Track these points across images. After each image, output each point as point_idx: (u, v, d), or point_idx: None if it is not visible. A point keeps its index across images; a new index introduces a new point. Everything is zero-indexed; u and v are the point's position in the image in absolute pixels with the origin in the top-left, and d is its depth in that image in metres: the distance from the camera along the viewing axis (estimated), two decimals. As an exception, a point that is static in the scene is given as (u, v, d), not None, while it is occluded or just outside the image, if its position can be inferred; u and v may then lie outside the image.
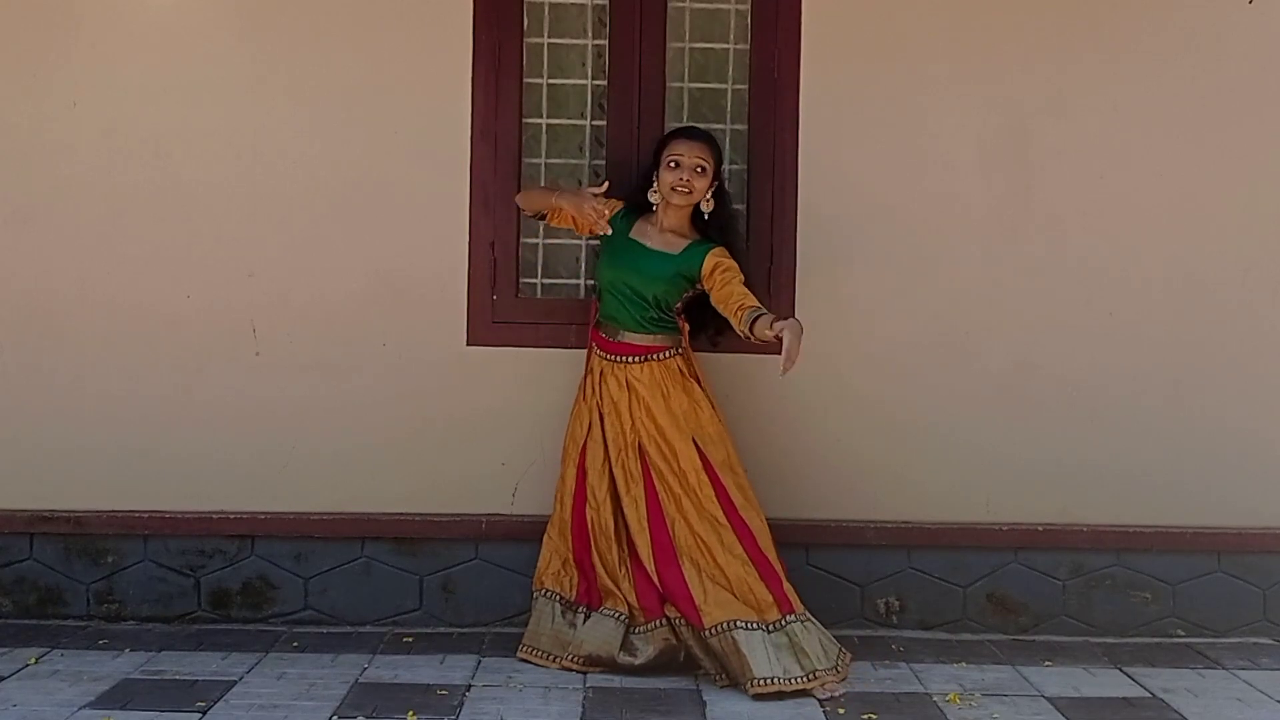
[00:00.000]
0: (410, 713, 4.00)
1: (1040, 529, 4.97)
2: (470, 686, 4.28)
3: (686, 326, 4.63)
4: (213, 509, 4.90)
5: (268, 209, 4.88)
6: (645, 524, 4.43)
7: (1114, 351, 4.97)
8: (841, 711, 4.09)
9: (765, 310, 4.28)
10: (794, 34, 4.90)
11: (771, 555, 4.43)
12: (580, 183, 4.98)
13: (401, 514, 4.92)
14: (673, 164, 4.46)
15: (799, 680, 4.21)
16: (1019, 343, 4.96)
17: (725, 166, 4.72)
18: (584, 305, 4.94)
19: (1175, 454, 4.98)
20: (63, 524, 4.88)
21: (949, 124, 4.93)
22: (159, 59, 4.85)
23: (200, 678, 4.32)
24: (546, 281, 5.00)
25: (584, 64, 4.97)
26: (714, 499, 4.42)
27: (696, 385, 4.55)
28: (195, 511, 4.89)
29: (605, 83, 4.94)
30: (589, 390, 4.60)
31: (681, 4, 4.97)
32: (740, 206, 4.94)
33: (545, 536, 4.64)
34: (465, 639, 4.77)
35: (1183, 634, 4.99)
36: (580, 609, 4.52)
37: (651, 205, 4.56)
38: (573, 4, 4.97)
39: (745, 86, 4.96)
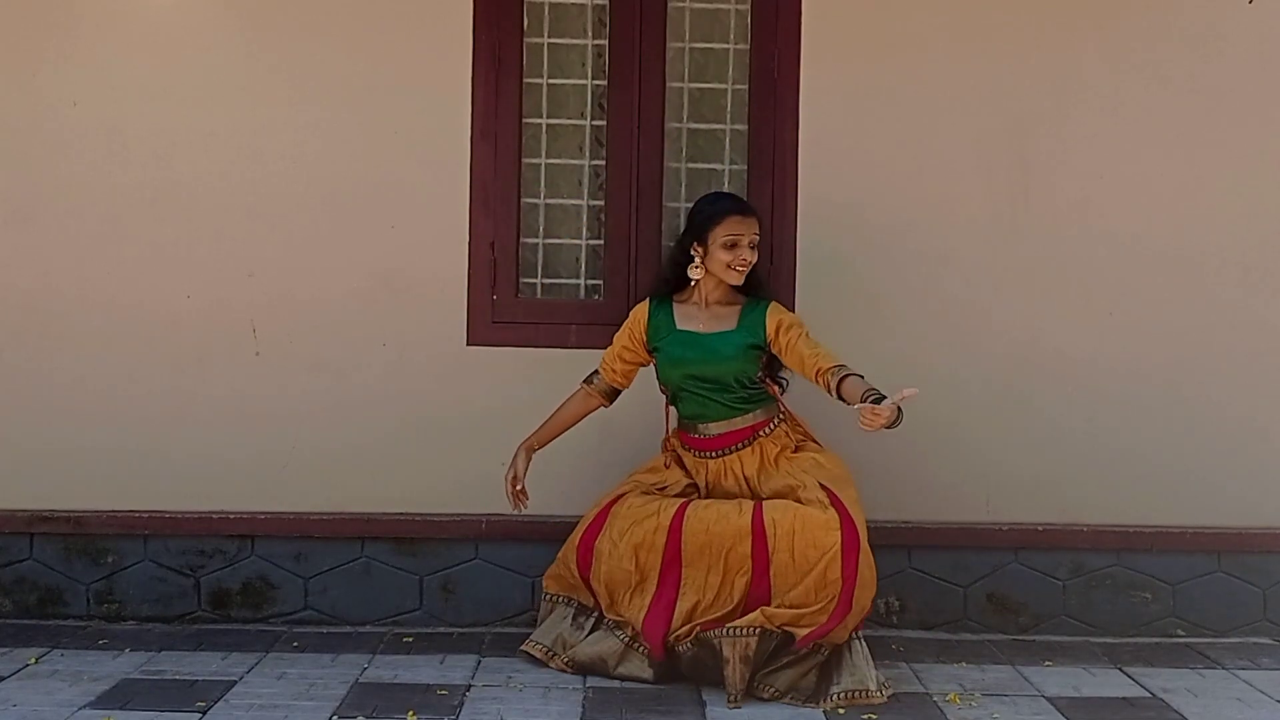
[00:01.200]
0: (410, 713, 3.99)
1: (1040, 529, 4.97)
2: (470, 686, 4.28)
3: (777, 389, 4.46)
4: (213, 509, 4.90)
5: (268, 209, 4.88)
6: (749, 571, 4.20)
7: (1114, 351, 4.97)
8: (842, 712, 4.09)
9: (844, 366, 4.18)
10: (794, 34, 4.90)
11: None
12: (580, 183, 4.99)
13: (401, 514, 4.92)
14: (730, 244, 4.31)
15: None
16: (1019, 342, 4.96)
17: (678, 194, 4.82)
18: (584, 305, 4.95)
19: (1175, 454, 4.98)
20: (63, 524, 4.88)
21: (949, 124, 4.93)
22: (159, 59, 4.85)
23: (200, 678, 4.32)
24: (546, 281, 5.00)
25: (584, 64, 4.97)
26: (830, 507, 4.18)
27: (812, 443, 4.43)
28: (195, 511, 4.89)
29: (605, 83, 4.94)
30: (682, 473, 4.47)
31: (681, 4, 4.97)
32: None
33: (568, 543, 4.51)
34: (465, 639, 4.77)
35: (1183, 634, 4.99)
36: (592, 615, 4.45)
37: (689, 281, 4.41)
38: (573, 4, 4.97)
39: (745, 86, 4.96)
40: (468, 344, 4.92)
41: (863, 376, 4.16)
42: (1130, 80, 4.95)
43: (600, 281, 4.99)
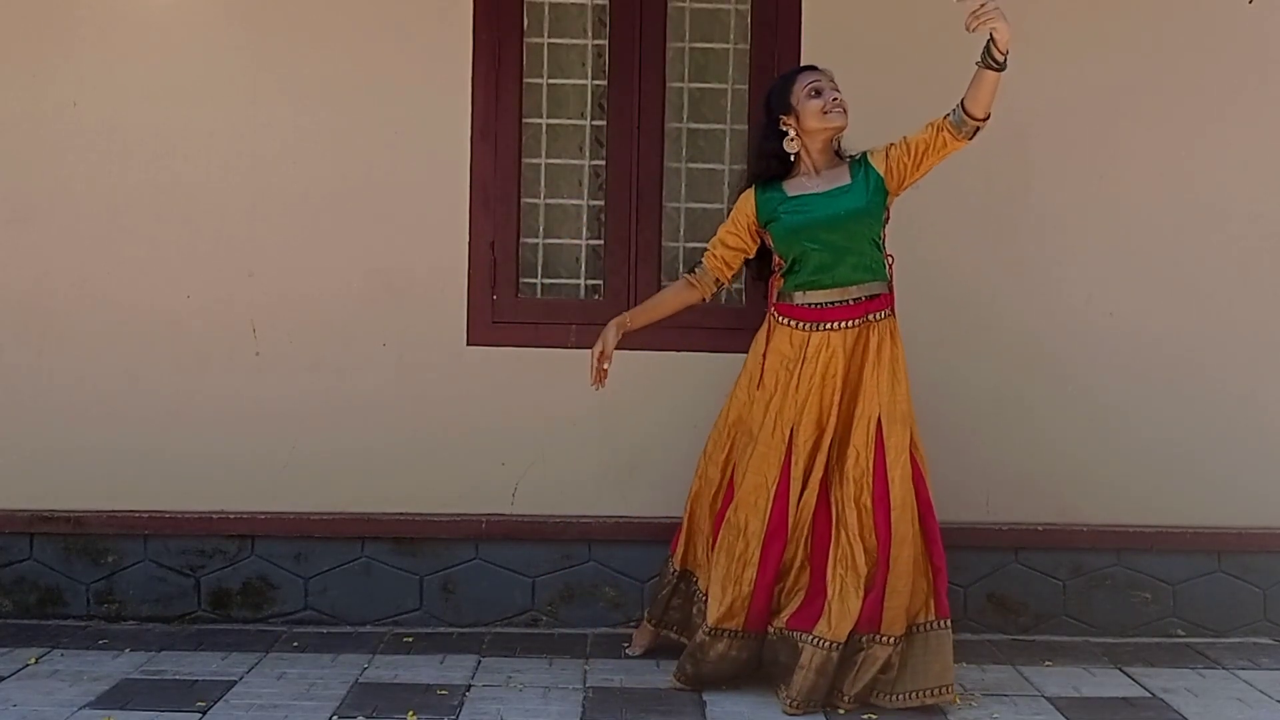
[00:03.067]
0: (410, 713, 3.99)
1: (1040, 529, 4.97)
2: (470, 686, 4.28)
3: (891, 261, 4.26)
4: (213, 509, 4.90)
5: (268, 209, 4.88)
6: (812, 523, 4.16)
7: (1113, 351, 4.97)
8: (842, 712, 4.09)
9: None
10: (794, 34, 4.91)
11: (900, 566, 4.14)
12: (580, 183, 4.99)
13: (401, 514, 4.92)
14: (813, 91, 4.19)
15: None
16: (1018, 342, 4.96)
17: (679, 195, 4.80)
18: (584, 305, 4.95)
19: (1175, 454, 4.98)
20: (63, 524, 4.88)
21: (949, 124, 4.92)
22: (159, 59, 4.85)
23: (200, 678, 4.32)
24: (546, 281, 5.00)
25: (584, 64, 4.97)
26: (869, 493, 4.12)
27: (900, 352, 4.21)
28: (195, 511, 4.89)
29: (605, 83, 4.94)
30: (773, 372, 4.20)
31: (681, 4, 4.97)
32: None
33: (721, 555, 4.21)
34: (465, 639, 4.77)
35: (1183, 634, 4.99)
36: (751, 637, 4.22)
37: (789, 158, 4.23)
38: (573, 4, 4.97)
39: (745, 86, 4.96)
40: (468, 344, 4.92)
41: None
42: (1130, 80, 4.95)
43: (600, 281, 4.99)
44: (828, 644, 4.05)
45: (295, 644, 4.69)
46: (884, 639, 4.06)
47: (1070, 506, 4.98)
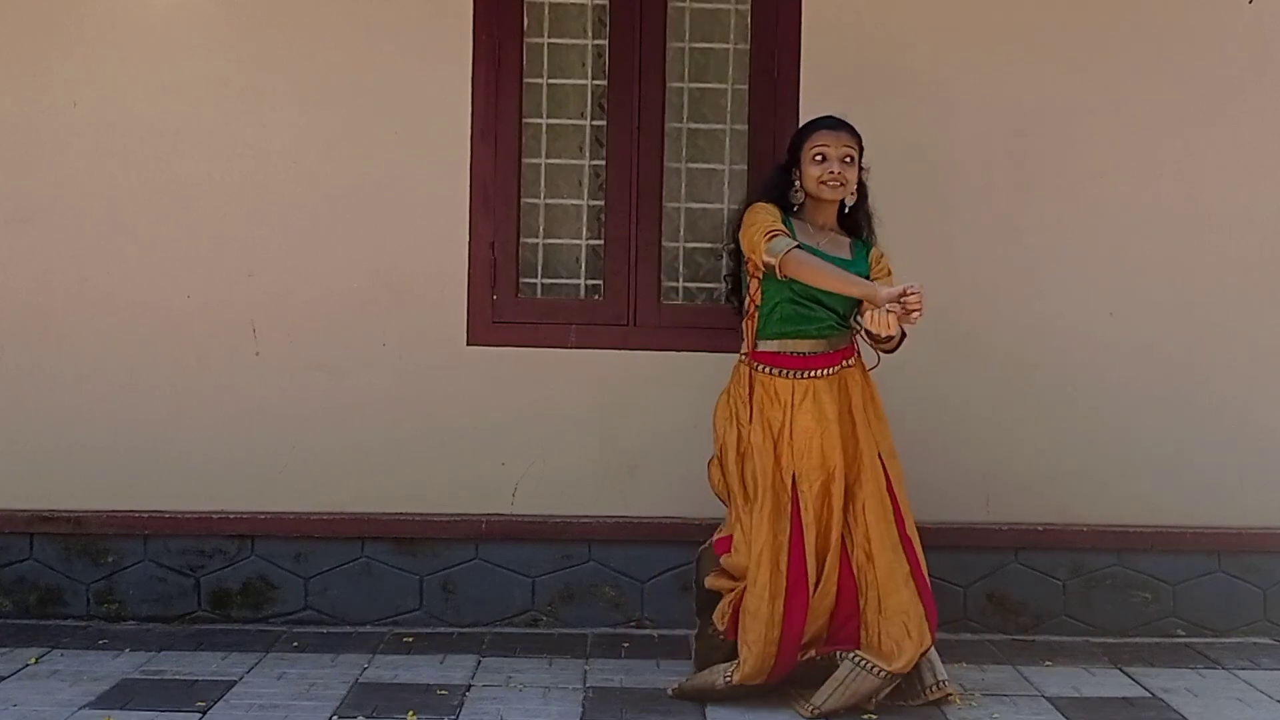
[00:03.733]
0: (410, 713, 3.99)
1: (1040, 529, 4.97)
2: (470, 686, 4.28)
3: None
4: (213, 509, 4.90)
5: (268, 209, 4.88)
6: (836, 570, 4.14)
7: (1114, 351, 4.97)
8: (840, 712, 4.09)
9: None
10: (794, 34, 4.90)
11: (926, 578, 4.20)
12: (580, 183, 4.99)
13: (401, 514, 4.92)
14: (819, 157, 4.15)
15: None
16: (1019, 342, 4.96)
17: (679, 195, 4.71)
18: (584, 305, 4.95)
19: (1176, 454, 4.98)
20: (63, 524, 4.88)
21: (949, 124, 4.93)
22: (159, 59, 4.85)
23: (200, 678, 4.32)
24: (546, 281, 5.00)
25: (584, 64, 4.97)
26: (892, 520, 4.14)
27: (875, 390, 4.28)
28: (195, 511, 4.89)
29: (605, 83, 4.94)
30: (763, 423, 4.16)
31: (681, 4, 4.97)
32: (739, 207, 4.94)
33: (747, 618, 4.11)
34: (465, 639, 4.77)
35: (1183, 634, 4.99)
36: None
37: (793, 207, 4.24)
38: (573, 4, 4.97)
39: (745, 86, 4.96)
40: (468, 344, 4.92)
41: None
42: (1130, 80, 4.95)
43: (600, 281, 4.99)
44: (875, 668, 4.04)
45: (295, 644, 4.69)
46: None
47: (1070, 506, 4.98)
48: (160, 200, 4.86)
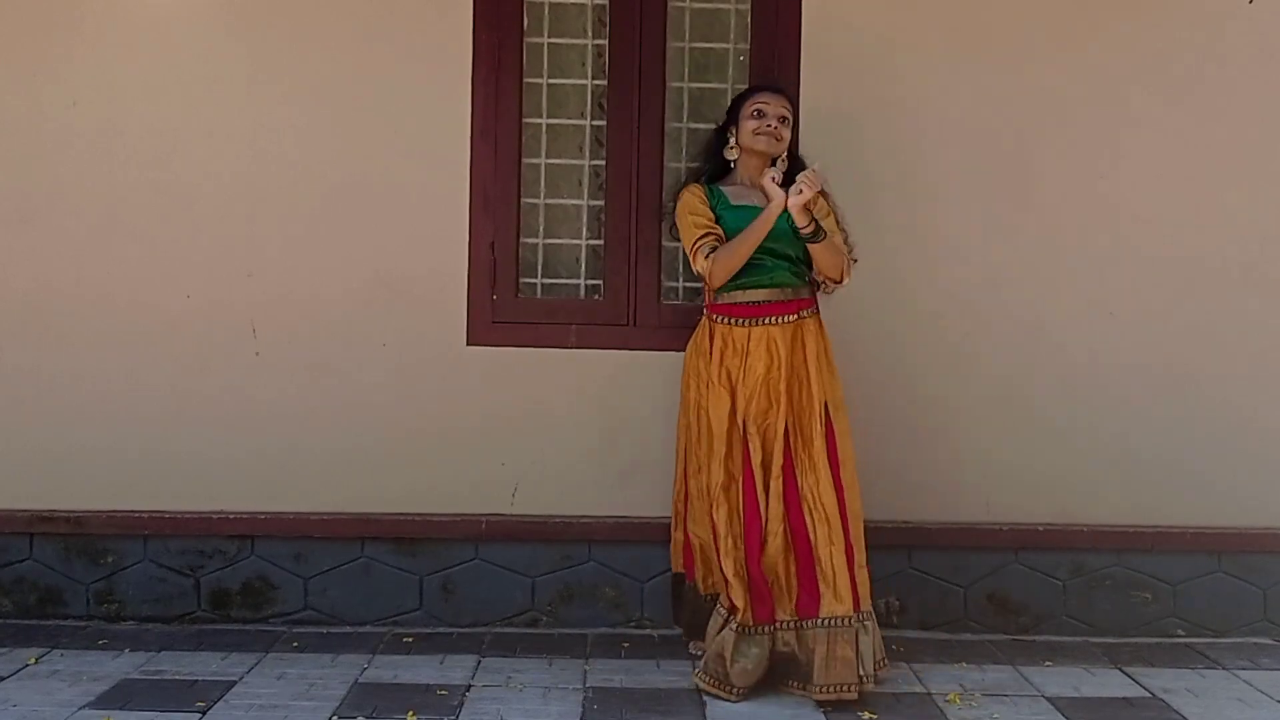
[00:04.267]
0: (410, 713, 4.00)
1: (1040, 529, 4.97)
2: (470, 686, 4.28)
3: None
4: (213, 509, 4.90)
5: (268, 209, 4.88)
6: (784, 512, 4.24)
7: (1114, 351, 4.97)
8: (833, 708, 4.09)
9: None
10: (794, 34, 4.90)
11: (860, 543, 4.29)
12: (580, 183, 4.99)
13: (401, 514, 4.92)
14: (757, 112, 4.40)
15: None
16: (1019, 342, 4.96)
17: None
18: (584, 305, 4.94)
19: (1175, 454, 4.99)
20: (63, 524, 4.88)
21: (949, 124, 4.93)
22: (159, 59, 4.85)
23: (200, 678, 4.32)
24: (546, 281, 5.00)
25: (584, 64, 4.97)
26: (829, 475, 4.25)
27: (829, 344, 4.41)
28: (195, 511, 4.89)
29: (605, 83, 4.94)
30: (720, 369, 4.33)
31: (681, 4, 4.97)
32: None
33: (718, 544, 4.29)
34: (465, 639, 4.77)
35: (1183, 634, 4.99)
36: (764, 631, 4.27)
37: (729, 165, 4.47)
38: (573, 4, 4.97)
39: (745, 86, 4.95)
40: (468, 344, 4.92)
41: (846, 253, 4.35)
42: (1131, 80, 4.95)
43: (600, 281, 4.98)
44: (838, 621, 4.14)
45: (295, 644, 4.69)
46: (863, 615, 4.20)
47: (1070, 506, 4.98)
48: (160, 200, 4.86)
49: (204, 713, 4.00)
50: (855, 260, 4.45)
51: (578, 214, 5.00)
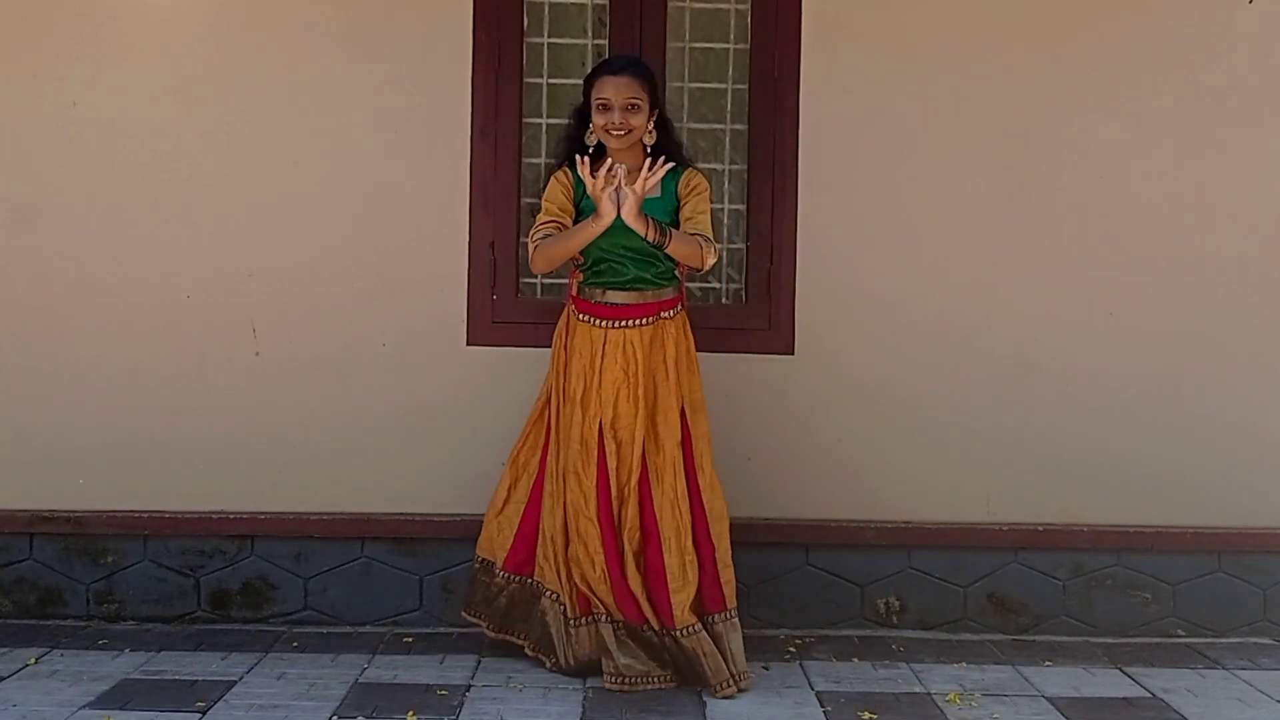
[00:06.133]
0: (410, 713, 4.00)
1: (1040, 529, 4.97)
2: (470, 686, 4.28)
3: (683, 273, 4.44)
4: (213, 509, 4.90)
5: (268, 209, 4.88)
6: (639, 516, 4.29)
7: (1114, 351, 4.98)
8: (832, 707, 4.09)
9: (698, 234, 4.21)
10: (794, 34, 4.90)
11: (723, 544, 4.31)
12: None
13: (401, 514, 4.92)
14: (601, 106, 4.23)
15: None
16: (1019, 342, 4.96)
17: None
18: (584, 305, 4.94)
19: (1175, 454, 4.99)
20: (63, 524, 4.88)
21: (949, 124, 4.93)
22: (159, 59, 4.85)
23: (200, 678, 4.32)
24: (546, 281, 4.99)
25: (584, 64, 4.97)
26: (683, 478, 4.27)
27: (692, 343, 4.39)
28: (195, 511, 4.89)
29: (605, 83, 4.93)
30: (577, 369, 4.31)
31: (681, 4, 4.97)
32: (740, 206, 4.96)
33: (543, 528, 4.39)
34: (465, 639, 4.77)
35: (1183, 634, 4.99)
36: (584, 620, 4.33)
37: (588, 149, 4.27)
38: (573, 4, 4.97)
39: (745, 86, 4.96)
40: (468, 344, 4.92)
41: (702, 240, 4.21)
42: (1130, 80, 4.95)
43: (600, 281, 4.98)
44: (690, 629, 4.19)
45: (295, 644, 4.69)
46: (729, 613, 4.26)
47: (1070, 506, 4.98)
48: (160, 200, 4.86)
49: (204, 713, 4.00)
50: (716, 245, 4.29)
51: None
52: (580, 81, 4.94)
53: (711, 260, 4.25)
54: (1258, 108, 4.98)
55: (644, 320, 4.30)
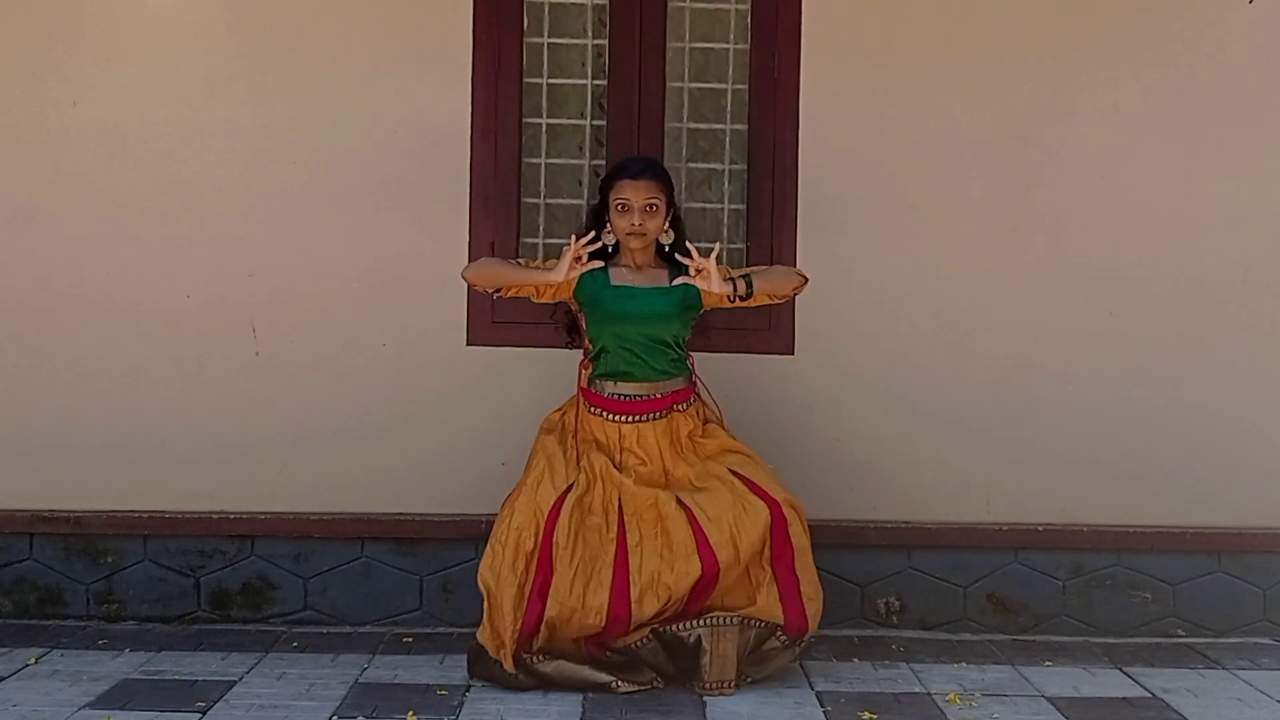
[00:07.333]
0: (410, 713, 3.99)
1: (1040, 529, 4.97)
2: (470, 686, 4.28)
3: (694, 362, 4.44)
4: (213, 509, 4.90)
5: (267, 209, 4.88)
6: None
7: (1114, 351, 4.98)
8: (831, 708, 4.09)
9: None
10: (794, 34, 4.90)
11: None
12: (580, 183, 4.99)
13: (401, 514, 4.92)
14: (620, 207, 4.25)
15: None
16: (1019, 342, 4.96)
17: (679, 195, 4.62)
18: (584, 305, 4.94)
19: (1176, 454, 4.98)
20: (63, 524, 4.88)
21: (949, 124, 4.93)
22: (159, 59, 4.85)
23: (200, 678, 4.32)
24: (546, 281, 4.99)
25: (584, 64, 4.97)
26: (758, 508, 4.23)
27: (719, 428, 4.40)
28: (195, 511, 4.89)
29: (605, 83, 4.94)
30: (577, 454, 4.32)
31: (681, 4, 4.97)
32: (740, 206, 4.96)
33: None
34: (465, 639, 4.74)
35: (1183, 634, 4.99)
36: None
37: (609, 250, 4.32)
38: (573, 4, 4.97)
39: (745, 86, 4.96)
40: (468, 344, 4.92)
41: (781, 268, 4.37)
42: (1130, 80, 4.95)
43: (600, 281, 4.98)
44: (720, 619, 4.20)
45: (295, 644, 4.69)
46: (804, 641, 4.30)
47: (1070, 506, 4.98)
48: (160, 200, 4.87)
49: (204, 713, 4.00)
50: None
51: (578, 214, 4.99)
52: (581, 81, 4.95)
53: (800, 284, 4.36)
54: (1257, 108, 4.98)
55: (656, 415, 4.31)
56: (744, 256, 4.97)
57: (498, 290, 4.33)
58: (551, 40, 4.97)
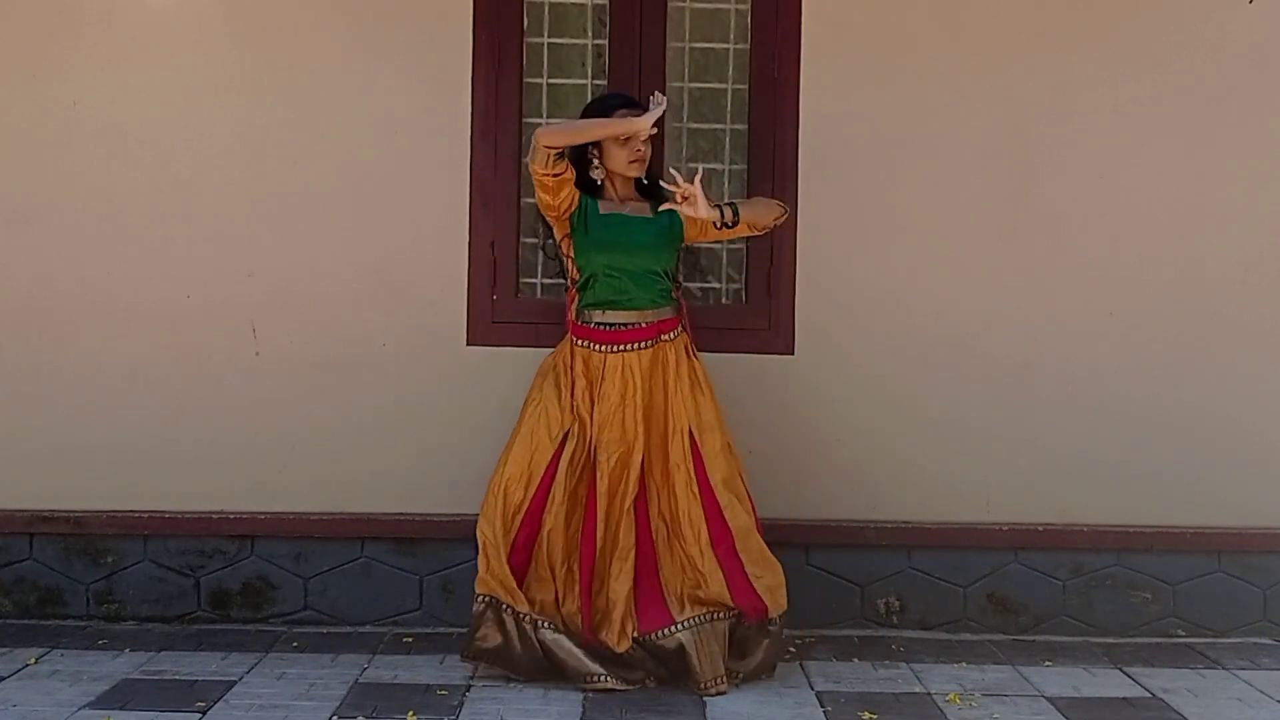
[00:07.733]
0: (410, 713, 4.00)
1: (1040, 529, 4.97)
2: (470, 686, 4.28)
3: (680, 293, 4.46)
4: (213, 509, 4.90)
5: (267, 209, 4.88)
6: (633, 540, 4.28)
7: (1114, 351, 4.97)
8: (831, 707, 4.09)
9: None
10: (794, 34, 4.90)
11: (751, 554, 4.29)
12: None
13: (401, 514, 4.92)
14: (625, 139, 4.27)
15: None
16: (1019, 342, 4.96)
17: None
18: (584, 305, 4.94)
19: (1176, 454, 4.98)
20: (63, 524, 4.88)
21: (949, 124, 4.93)
22: (159, 59, 4.85)
23: (200, 678, 4.32)
24: (546, 281, 4.99)
25: (584, 64, 4.97)
26: (699, 497, 4.28)
27: (698, 365, 4.40)
28: (195, 511, 4.89)
29: (605, 83, 4.94)
30: (571, 393, 4.34)
31: (681, 4, 4.97)
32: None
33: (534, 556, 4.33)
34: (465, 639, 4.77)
35: (1183, 634, 4.99)
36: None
37: (597, 183, 4.34)
38: (573, 4, 4.97)
39: (745, 86, 4.96)
40: (468, 344, 4.92)
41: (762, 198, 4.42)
42: (1130, 80, 4.95)
43: (600, 281, 4.98)
44: (704, 616, 4.24)
45: (295, 644, 4.69)
46: (774, 621, 4.28)
47: (1070, 506, 4.98)
48: (160, 200, 4.86)
49: (204, 713, 4.00)
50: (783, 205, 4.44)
51: (578, 214, 4.99)
52: (581, 81, 4.95)
53: (781, 214, 4.38)
54: (1258, 108, 4.98)
55: (643, 344, 4.30)
56: (744, 256, 4.97)
57: (570, 152, 4.23)
58: (551, 40, 4.97)
